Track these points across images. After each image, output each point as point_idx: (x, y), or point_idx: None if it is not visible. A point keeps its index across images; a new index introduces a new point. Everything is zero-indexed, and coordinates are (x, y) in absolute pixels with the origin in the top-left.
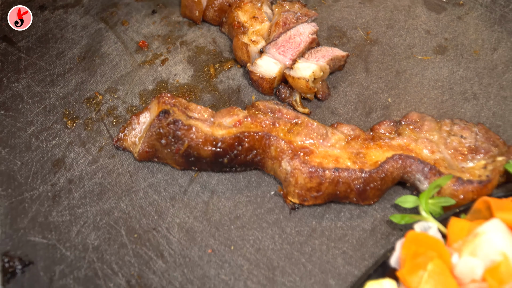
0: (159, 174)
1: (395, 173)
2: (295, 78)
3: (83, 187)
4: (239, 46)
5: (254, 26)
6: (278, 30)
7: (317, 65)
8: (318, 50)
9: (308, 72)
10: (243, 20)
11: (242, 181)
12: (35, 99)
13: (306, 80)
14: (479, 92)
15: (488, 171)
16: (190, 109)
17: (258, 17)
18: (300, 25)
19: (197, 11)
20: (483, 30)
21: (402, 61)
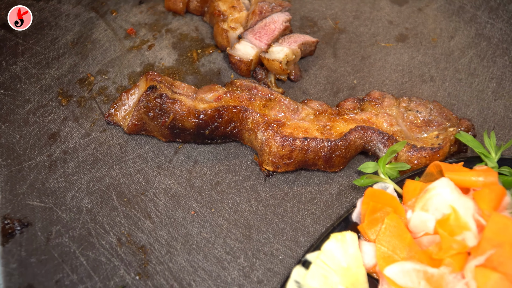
0: (147, 146)
1: (358, 142)
2: (269, 60)
3: (77, 157)
4: (219, 32)
5: (233, 14)
6: (255, 18)
7: (290, 49)
8: (291, 36)
9: (281, 55)
10: (223, 9)
11: (222, 152)
12: (32, 80)
13: (280, 62)
14: (436, 75)
15: (440, 140)
16: (175, 85)
17: (236, 6)
18: (274, 14)
19: (180, 3)
20: (441, 20)
21: (367, 48)
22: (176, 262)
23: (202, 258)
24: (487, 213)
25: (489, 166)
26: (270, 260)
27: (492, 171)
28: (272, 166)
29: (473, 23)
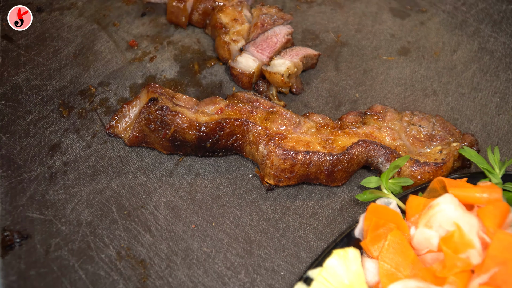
0: (147, 158)
1: (360, 156)
2: (271, 73)
3: (78, 169)
4: (221, 44)
5: (235, 27)
6: (257, 31)
7: (291, 62)
8: (293, 49)
9: (283, 68)
10: (225, 21)
11: (223, 165)
12: (33, 91)
13: (281, 75)
14: (439, 89)
15: (443, 155)
16: (176, 98)
17: (238, 19)
18: (276, 27)
19: (183, 17)
20: (444, 34)
21: (369, 61)
22: (176, 277)
23: (202, 273)
24: (491, 231)
25: (493, 182)
26: (271, 276)
27: (496, 187)
28: (273, 179)
29: (476, 36)
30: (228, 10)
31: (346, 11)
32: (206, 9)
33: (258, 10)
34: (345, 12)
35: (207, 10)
